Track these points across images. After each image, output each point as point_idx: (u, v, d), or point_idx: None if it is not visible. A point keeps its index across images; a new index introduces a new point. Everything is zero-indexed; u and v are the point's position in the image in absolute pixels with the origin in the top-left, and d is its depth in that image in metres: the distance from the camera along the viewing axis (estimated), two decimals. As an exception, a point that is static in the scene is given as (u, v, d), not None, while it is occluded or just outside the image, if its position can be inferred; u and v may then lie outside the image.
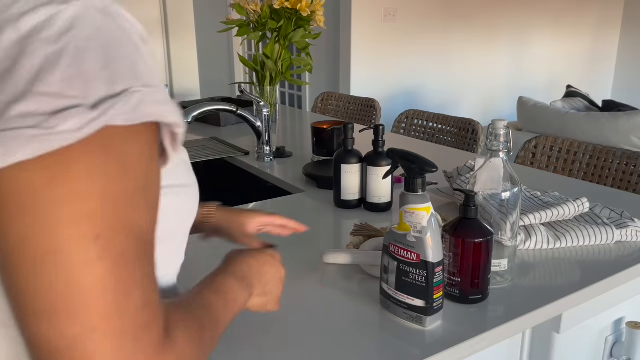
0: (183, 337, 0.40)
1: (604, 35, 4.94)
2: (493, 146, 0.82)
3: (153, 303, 0.37)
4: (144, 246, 0.37)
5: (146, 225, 0.37)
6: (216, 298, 0.51)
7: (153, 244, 0.39)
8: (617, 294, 0.91)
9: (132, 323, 0.35)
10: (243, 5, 2.00)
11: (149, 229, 0.38)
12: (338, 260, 0.89)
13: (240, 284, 0.57)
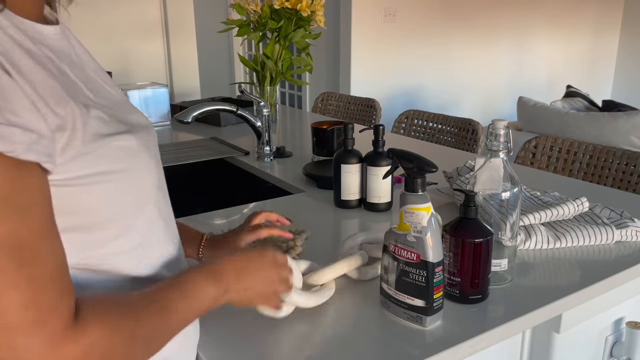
0: (98, 327, 0.43)
1: (603, 35, 4.94)
2: (493, 146, 0.82)
3: (42, 301, 0.41)
4: (19, 252, 0.40)
5: (21, 230, 0.40)
6: (170, 290, 0.52)
7: (38, 246, 0.41)
8: (617, 293, 0.91)
9: (18, 321, 0.39)
10: (243, 5, 2.00)
11: (29, 232, 0.41)
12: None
13: (207, 277, 0.57)
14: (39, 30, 0.49)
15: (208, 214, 1.17)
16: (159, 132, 2.04)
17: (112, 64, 2.61)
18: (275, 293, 0.66)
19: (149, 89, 2.11)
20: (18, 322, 0.39)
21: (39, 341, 0.40)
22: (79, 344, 0.42)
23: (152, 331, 0.48)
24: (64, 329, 0.41)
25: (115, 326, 0.45)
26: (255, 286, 0.63)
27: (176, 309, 0.51)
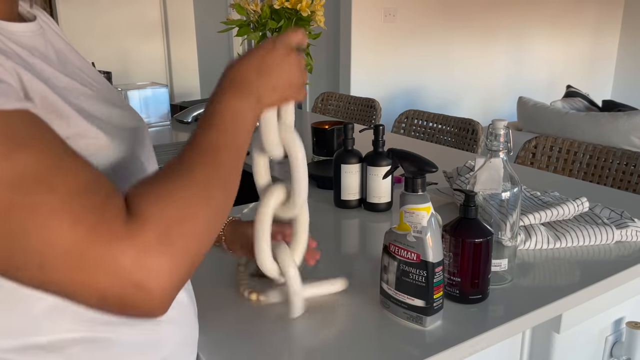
0: (155, 209, 0.41)
1: (604, 35, 4.94)
2: (493, 146, 0.82)
3: (86, 211, 0.39)
4: (42, 180, 0.38)
5: (39, 157, 0.39)
6: (208, 133, 0.49)
7: (61, 165, 0.40)
8: (617, 294, 0.91)
9: (76, 240, 0.38)
10: (243, 5, 2.00)
11: (48, 157, 0.39)
12: None
13: (235, 96, 0.53)
14: (7, 28, 0.49)
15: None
16: (159, 132, 2.04)
17: (112, 64, 2.61)
18: (302, 81, 0.60)
19: (149, 89, 2.11)
20: (76, 241, 0.38)
21: (104, 247, 0.38)
22: (145, 231, 0.40)
23: (214, 182, 0.46)
24: (124, 225, 0.39)
25: (173, 199, 0.42)
26: (283, 82, 0.57)
27: (225, 146, 0.49)
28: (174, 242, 0.41)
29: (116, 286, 0.38)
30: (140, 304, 0.40)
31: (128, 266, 0.38)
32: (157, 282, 0.40)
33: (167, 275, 0.40)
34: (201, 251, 0.44)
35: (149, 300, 0.40)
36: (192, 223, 0.43)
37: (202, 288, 0.84)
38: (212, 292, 0.83)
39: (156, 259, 0.39)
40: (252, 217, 0.76)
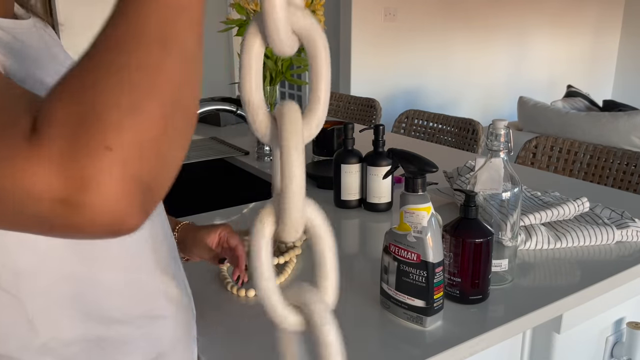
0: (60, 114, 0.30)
1: (604, 35, 4.94)
2: (493, 146, 0.81)
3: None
4: None
5: None
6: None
7: None
8: (618, 294, 0.91)
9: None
10: (243, 5, 1.99)
11: None
12: None
13: None
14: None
15: (208, 214, 1.17)
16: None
17: (112, 63, 2.60)
18: None
19: (149, 88, 2.10)
20: None
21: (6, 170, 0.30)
22: (51, 135, 0.30)
23: (138, 39, 0.32)
24: (27, 139, 0.30)
25: (80, 83, 0.31)
26: None
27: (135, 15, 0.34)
28: (95, 136, 0.30)
29: (40, 210, 0.31)
30: (82, 221, 0.31)
31: (42, 184, 0.30)
32: (90, 189, 0.30)
33: (104, 175, 0.30)
34: (154, 129, 0.31)
35: (91, 212, 0.30)
36: (114, 98, 0.30)
37: (202, 288, 0.84)
38: (212, 292, 0.83)
39: (76, 164, 0.30)
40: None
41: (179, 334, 0.59)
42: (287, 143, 0.32)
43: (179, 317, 0.60)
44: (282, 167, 0.32)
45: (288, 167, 0.32)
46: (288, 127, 0.32)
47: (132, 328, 0.53)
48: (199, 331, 0.71)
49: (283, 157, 0.32)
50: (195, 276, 0.87)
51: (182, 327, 0.60)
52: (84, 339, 0.50)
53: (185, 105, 0.33)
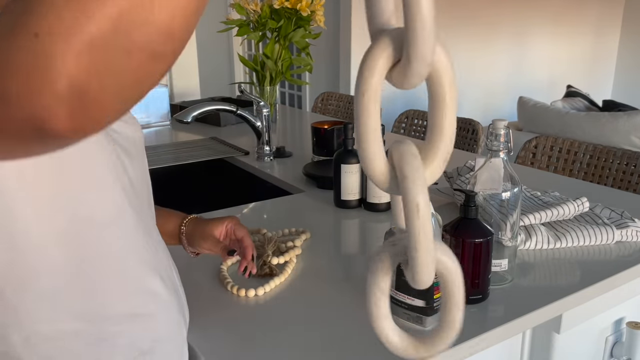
0: None
1: (604, 35, 4.94)
2: (493, 146, 0.81)
3: None
4: None
5: None
6: None
7: None
8: (618, 294, 0.91)
9: None
10: (243, 5, 1.99)
11: None
12: None
13: None
14: None
15: (208, 214, 1.17)
16: (159, 132, 2.04)
17: (112, 63, 2.60)
18: None
19: (149, 88, 2.10)
20: None
21: None
22: None
23: None
24: None
25: None
26: None
27: None
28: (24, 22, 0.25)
29: None
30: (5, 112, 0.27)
31: None
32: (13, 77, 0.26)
33: (28, 63, 0.25)
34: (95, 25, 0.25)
35: (15, 103, 0.26)
36: None
37: (202, 288, 0.84)
38: (212, 292, 0.83)
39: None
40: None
41: (162, 332, 0.59)
42: (411, 198, 0.27)
43: (162, 316, 0.59)
44: (408, 213, 0.27)
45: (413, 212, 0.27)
46: (410, 175, 0.28)
47: (112, 325, 0.53)
48: (198, 331, 0.71)
49: (408, 207, 0.27)
50: (195, 276, 0.88)
51: (165, 326, 0.60)
52: (63, 334, 0.50)
53: (159, 7, 0.26)
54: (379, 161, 0.29)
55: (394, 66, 0.27)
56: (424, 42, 0.25)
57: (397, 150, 0.29)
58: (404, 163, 0.28)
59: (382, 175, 0.29)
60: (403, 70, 0.26)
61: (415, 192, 0.27)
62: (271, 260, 0.89)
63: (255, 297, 0.81)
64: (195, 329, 0.70)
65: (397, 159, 0.29)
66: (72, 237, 0.50)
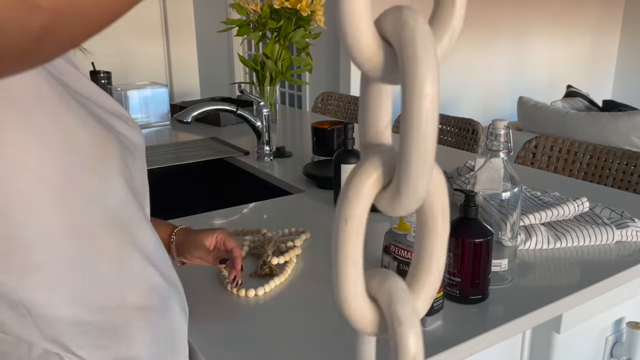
0: None
1: (604, 35, 4.94)
2: (493, 146, 0.81)
3: None
4: None
5: None
6: None
7: None
8: (618, 294, 0.91)
9: None
10: (243, 5, 2.00)
11: None
12: None
13: None
14: None
15: (208, 214, 1.17)
16: (159, 132, 2.04)
17: (112, 64, 2.61)
18: None
19: (149, 88, 2.11)
20: None
21: None
22: None
23: None
24: None
25: None
26: None
27: None
28: None
29: None
30: None
31: None
32: None
33: None
34: None
35: None
36: None
37: (202, 288, 0.84)
38: (212, 292, 0.83)
39: None
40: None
41: (164, 326, 0.59)
42: (407, 349, 0.23)
43: (167, 309, 0.60)
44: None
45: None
46: (406, 321, 0.23)
47: (115, 316, 0.54)
48: (198, 331, 0.71)
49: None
50: (195, 276, 0.88)
51: (169, 319, 0.60)
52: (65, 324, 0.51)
53: None
54: (361, 303, 0.24)
55: (383, 189, 0.24)
56: (418, 178, 0.21)
57: (384, 288, 0.24)
58: (397, 305, 0.24)
59: (364, 319, 0.25)
60: (391, 199, 0.23)
61: (412, 342, 0.23)
62: (271, 260, 0.89)
63: (255, 297, 0.81)
64: (195, 329, 0.70)
65: (386, 298, 0.24)
66: (79, 229, 0.50)
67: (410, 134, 0.21)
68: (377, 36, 0.22)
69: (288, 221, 1.12)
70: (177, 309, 0.62)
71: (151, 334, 0.57)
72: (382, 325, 0.25)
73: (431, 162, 0.22)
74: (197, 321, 0.72)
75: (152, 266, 0.58)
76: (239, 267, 0.80)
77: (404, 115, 0.21)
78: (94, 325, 0.52)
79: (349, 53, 0.22)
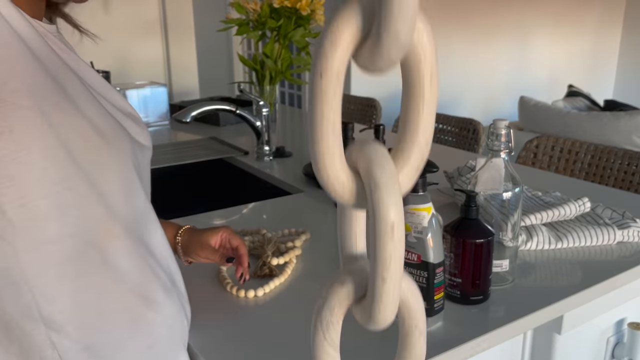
0: None
1: (605, 35, 4.93)
2: (494, 146, 0.81)
3: None
4: None
5: None
6: None
7: None
8: (619, 294, 0.90)
9: None
10: (242, 4, 1.99)
11: None
12: None
13: None
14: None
15: (208, 214, 1.17)
16: (158, 132, 2.04)
17: (111, 63, 2.60)
18: None
19: (148, 88, 2.10)
20: None
21: None
22: None
23: None
24: None
25: None
26: None
27: None
28: None
29: None
30: None
31: None
32: None
33: None
34: None
35: None
36: None
37: (202, 288, 0.84)
38: (212, 293, 0.83)
39: None
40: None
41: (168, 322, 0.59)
42: (384, 214, 0.21)
43: (169, 305, 0.59)
44: (380, 233, 0.21)
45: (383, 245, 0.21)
46: (383, 185, 0.21)
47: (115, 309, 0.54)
48: (199, 331, 0.71)
49: (380, 225, 0.21)
50: (195, 276, 0.87)
51: (171, 314, 0.60)
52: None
53: None
54: (338, 166, 0.22)
55: (362, 41, 0.20)
56: (400, 13, 0.19)
57: (364, 153, 0.22)
58: (375, 168, 0.22)
59: (341, 185, 0.23)
60: (371, 48, 0.20)
61: (390, 206, 0.21)
62: (271, 260, 0.89)
63: (255, 298, 0.81)
64: (195, 329, 0.70)
65: (364, 163, 0.22)
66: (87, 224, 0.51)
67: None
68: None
69: (288, 221, 1.12)
70: (178, 307, 0.62)
71: (152, 331, 0.57)
72: (363, 194, 0.22)
73: (415, 3, 0.19)
74: (197, 321, 0.71)
75: (157, 263, 0.58)
76: (245, 265, 0.81)
77: None
78: (94, 309, 0.52)
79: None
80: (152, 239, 0.59)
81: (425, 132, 0.22)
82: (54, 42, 0.53)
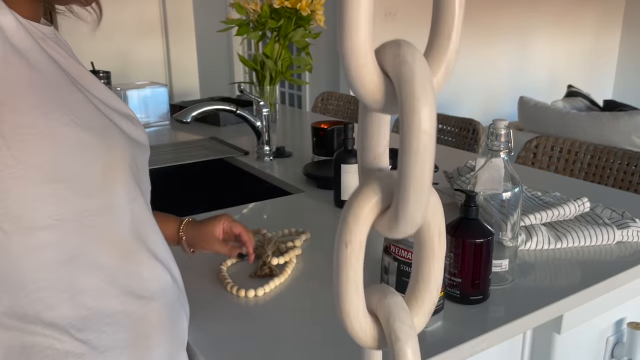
0: None
1: (605, 35, 4.93)
2: (494, 146, 0.81)
3: None
4: None
5: None
6: None
7: None
8: (618, 294, 0.90)
9: None
10: (243, 5, 1.99)
11: None
12: None
13: None
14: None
15: (208, 214, 1.17)
16: (159, 132, 2.04)
17: (111, 63, 2.60)
18: None
19: (148, 88, 2.10)
20: None
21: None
22: None
23: None
24: None
25: None
26: None
27: None
28: None
29: None
30: None
31: None
32: None
33: None
34: None
35: None
36: None
37: (202, 288, 0.84)
38: (212, 293, 0.83)
39: None
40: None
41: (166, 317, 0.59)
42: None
43: (168, 302, 0.60)
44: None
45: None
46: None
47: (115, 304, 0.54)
48: (199, 331, 0.71)
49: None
50: (195, 276, 0.87)
51: (171, 311, 0.60)
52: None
53: None
54: (362, 318, 0.26)
55: (382, 213, 0.25)
56: (415, 206, 0.22)
57: (383, 305, 0.26)
58: (395, 321, 0.25)
59: (365, 335, 0.26)
60: (389, 223, 0.24)
61: (410, 358, 0.24)
62: (271, 260, 0.89)
63: (255, 298, 0.81)
64: (195, 329, 0.70)
65: (384, 315, 0.26)
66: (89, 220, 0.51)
67: (409, 164, 0.22)
68: (380, 71, 0.22)
69: (288, 221, 1.12)
70: (178, 306, 0.62)
71: (151, 331, 0.57)
72: (383, 339, 0.26)
73: (428, 190, 0.23)
74: (197, 321, 0.71)
75: (157, 261, 0.59)
76: (251, 250, 0.84)
77: (402, 146, 0.22)
78: (94, 311, 0.52)
79: (352, 87, 0.23)
80: (150, 239, 0.59)
81: (436, 281, 0.26)
82: (51, 47, 0.54)
